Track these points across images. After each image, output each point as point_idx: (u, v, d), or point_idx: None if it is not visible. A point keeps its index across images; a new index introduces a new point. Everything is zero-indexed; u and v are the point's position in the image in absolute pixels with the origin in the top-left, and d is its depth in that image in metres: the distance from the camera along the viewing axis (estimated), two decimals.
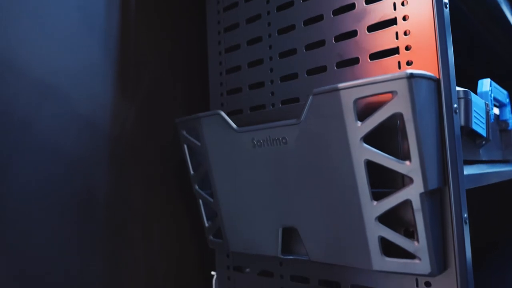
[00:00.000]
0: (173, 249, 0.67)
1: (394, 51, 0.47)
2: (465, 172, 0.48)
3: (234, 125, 0.53)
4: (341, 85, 0.42)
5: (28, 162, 0.50)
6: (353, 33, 0.51)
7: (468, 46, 1.07)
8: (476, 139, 0.56)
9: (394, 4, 0.47)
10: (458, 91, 0.48)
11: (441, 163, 0.43)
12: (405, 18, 0.46)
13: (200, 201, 0.62)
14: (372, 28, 0.49)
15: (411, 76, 0.38)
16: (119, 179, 0.60)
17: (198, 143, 0.58)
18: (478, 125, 0.52)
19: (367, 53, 0.50)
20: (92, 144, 0.57)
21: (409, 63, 0.46)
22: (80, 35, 0.57)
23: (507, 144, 0.74)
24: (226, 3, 0.66)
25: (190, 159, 0.62)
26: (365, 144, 0.42)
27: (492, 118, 0.60)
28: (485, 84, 0.60)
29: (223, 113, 0.54)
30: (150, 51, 0.66)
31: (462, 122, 0.48)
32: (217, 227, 0.61)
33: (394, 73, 0.39)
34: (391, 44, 0.48)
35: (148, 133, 0.65)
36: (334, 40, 0.53)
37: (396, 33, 0.47)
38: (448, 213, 0.43)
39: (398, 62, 0.47)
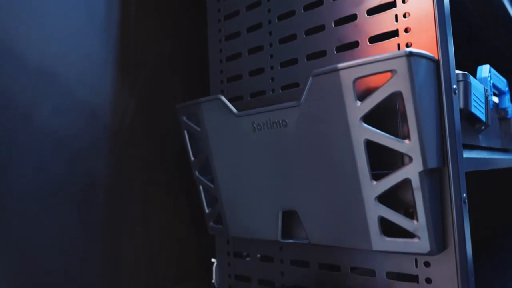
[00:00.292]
0: (174, 238, 0.67)
1: (394, 34, 0.48)
2: (465, 155, 0.48)
3: (234, 110, 0.53)
4: (341, 65, 0.42)
5: (28, 153, 0.50)
6: (353, 17, 0.51)
7: (468, 39, 1.07)
8: (475, 124, 0.56)
9: None
10: (457, 74, 0.49)
11: (441, 144, 0.43)
12: (404, 1, 0.46)
13: (201, 188, 0.62)
14: (372, 12, 0.50)
15: (410, 54, 0.39)
16: (119, 168, 0.60)
17: (198, 129, 0.58)
18: (477, 109, 0.52)
19: (367, 37, 0.50)
20: (92, 134, 0.57)
21: (409, 46, 0.46)
22: (81, 24, 0.57)
23: (506, 133, 0.74)
24: None
25: (191, 146, 0.62)
26: (365, 124, 0.42)
27: (491, 104, 0.60)
28: (484, 70, 0.60)
29: (223, 98, 0.54)
30: (150, 43, 0.67)
31: (461, 105, 0.48)
32: (217, 213, 0.61)
33: (394, 52, 0.39)
34: (391, 27, 0.48)
35: (149, 123, 0.65)
36: (334, 25, 0.53)
37: (396, 16, 0.47)
38: (448, 194, 0.44)
39: (398, 45, 0.47)
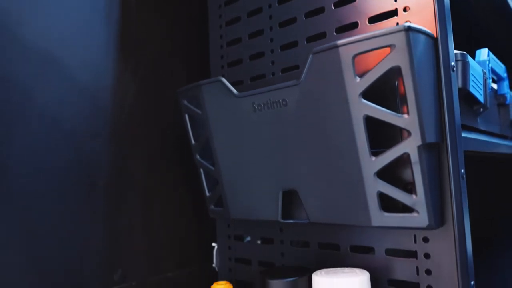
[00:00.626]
0: (174, 222, 0.67)
1: (393, 13, 0.48)
2: (463, 135, 0.48)
3: (235, 91, 0.54)
4: (340, 42, 0.43)
5: (27, 136, 0.51)
6: None
7: (468, 37, 1.08)
8: (474, 106, 0.57)
9: None
10: (456, 53, 0.49)
11: (439, 120, 0.43)
12: None
13: (201, 171, 0.63)
14: None
15: (409, 29, 0.39)
16: (120, 154, 0.61)
17: (199, 112, 0.59)
18: (476, 90, 0.53)
19: (366, 17, 0.50)
20: (92, 119, 0.58)
21: None
22: (82, 8, 0.58)
23: (505, 119, 0.74)
24: None
25: (192, 130, 0.62)
26: (364, 100, 0.43)
27: (490, 87, 0.61)
28: (483, 54, 0.60)
29: (224, 80, 0.54)
30: (150, 30, 0.67)
31: (460, 84, 0.49)
32: (218, 196, 0.61)
33: (392, 27, 0.40)
34: (390, 7, 0.48)
35: (148, 107, 0.65)
36: (334, 6, 0.54)
37: None
38: (446, 170, 0.44)
39: (397, 24, 0.48)
